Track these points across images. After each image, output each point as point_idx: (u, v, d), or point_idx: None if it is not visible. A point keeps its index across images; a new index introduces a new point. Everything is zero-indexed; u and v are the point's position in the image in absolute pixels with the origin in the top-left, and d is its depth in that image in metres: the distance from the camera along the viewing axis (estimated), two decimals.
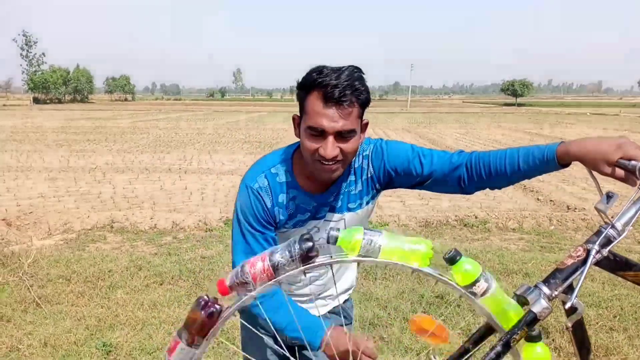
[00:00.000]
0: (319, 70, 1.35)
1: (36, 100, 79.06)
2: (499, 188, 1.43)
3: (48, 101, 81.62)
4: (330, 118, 1.32)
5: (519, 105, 76.94)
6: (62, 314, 3.80)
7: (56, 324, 3.64)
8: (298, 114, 1.45)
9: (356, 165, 1.53)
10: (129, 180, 10.21)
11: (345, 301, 1.79)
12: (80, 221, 6.78)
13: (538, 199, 8.62)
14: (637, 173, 1.11)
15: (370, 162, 1.52)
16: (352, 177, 1.53)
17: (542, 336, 1.10)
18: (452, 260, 1.08)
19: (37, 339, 3.40)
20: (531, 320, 1.07)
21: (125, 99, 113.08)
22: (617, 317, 3.69)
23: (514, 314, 1.10)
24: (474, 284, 1.08)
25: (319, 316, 1.66)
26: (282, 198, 1.50)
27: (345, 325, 1.74)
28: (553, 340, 3.36)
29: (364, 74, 1.37)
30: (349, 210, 1.55)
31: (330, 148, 1.32)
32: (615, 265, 1.15)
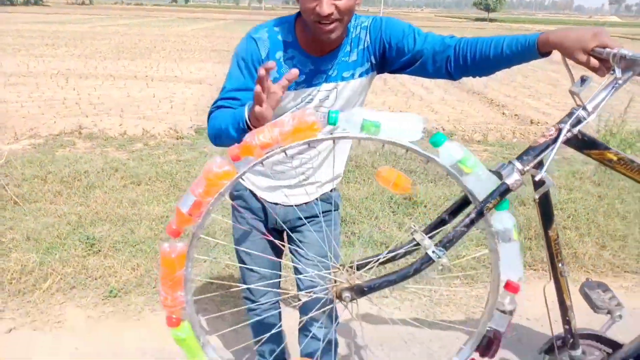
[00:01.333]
0: None
1: None
2: (482, 74, 1.50)
3: None
4: None
5: (491, 20, 76.02)
6: (42, 211, 3.84)
7: (37, 220, 3.69)
8: None
9: (353, 36, 1.58)
10: (94, 86, 9.90)
11: (332, 190, 1.87)
12: (46, 127, 6.65)
13: (504, 113, 8.82)
14: (611, 59, 1.18)
15: (367, 33, 1.57)
16: (348, 47, 1.58)
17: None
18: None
19: (20, 233, 3.46)
20: (504, 191, 1.20)
21: (83, 2, 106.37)
22: (571, 218, 3.99)
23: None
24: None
25: (309, 202, 1.78)
26: (279, 55, 1.55)
27: (335, 211, 1.87)
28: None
29: None
30: (343, 79, 1.60)
31: (325, 4, 1.37)
32: (583, 144, 1.29)
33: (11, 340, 2.55)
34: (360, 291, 1.22)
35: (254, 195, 1.80)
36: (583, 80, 1.22)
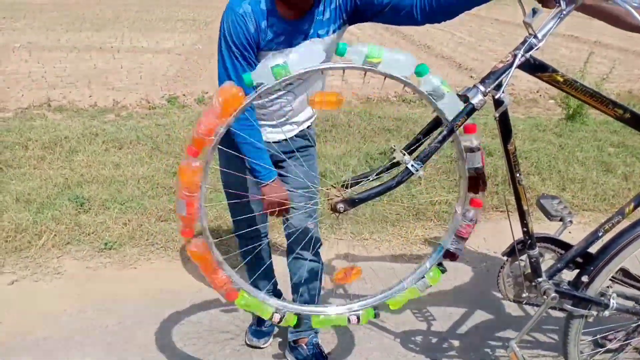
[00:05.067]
0: None
1: None
2: (445, 18, 1.66)
3: None
4: None
5: None
6: (27, 176, 3.90)
7: (23, 184, 3.75)
8: None
9: None
10: (59, 59, 9.68)
11: (308, 127, 2.05)
12: (14, 100, 6.56)
13: (471, 76, 9.06)
14: None
15: None
16: (321, 7, 1.73)
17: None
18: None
19: (8, 196, 3.51)
20: (470, 110, 1.41)
21: None
22: (534, 165, 4.30)
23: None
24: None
25: (287, 139, 1.93)
26: (263, 24, 1.69)
27: (310, 147, 2.08)
28: None
29: None
30: (319, 36, 1.75)
31: None
32: (535, 67, 1.49)
33: (16, 291, 2.68)
34: (352, 202, 1.39)
35: None
36: (534, 11, 1.41)
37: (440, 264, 1.67)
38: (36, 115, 5.85)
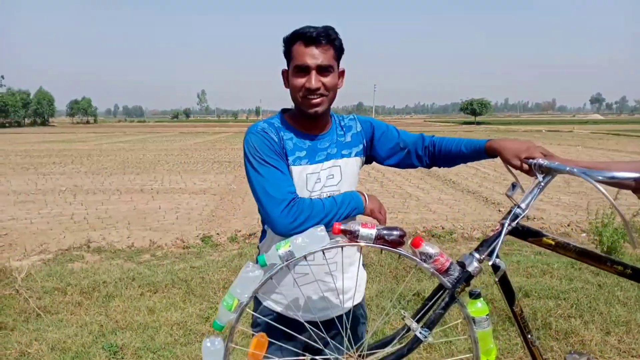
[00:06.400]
0: (300, 28, 1.70)
1: None
2: (445, 166, 1.88)
3: (7, 125, 79.13)
4: (312, 56, 1.67)
5: (478, 123, 78.92)
6: (64, 322, 3.96)
7: (60, 330, 3.79)
8: (287, 68, 1.78)
9: (342, 123, 1.90)
10: (101, 201, 10.24)
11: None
12: (56, 242, 6.85)
13: (499, 210, 9.09)
14: (533, 168, 1.55)
15: (357, 122, 1.91)
16: (341, 131, 1.88)
17: (482, 294, 1.52)
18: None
19: (45, 344, 3.55)
20: (467, 277, 1.49)
21: (87, 122, 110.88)
22: (574, 306, 4.11)
23: None
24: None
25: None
26: (282, 135, 1.78)
27: (362, 323, 2.03)
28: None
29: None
30: (343, 156, 1.85)
31: (314, 79, 1.68)
32: (524, 234, 1.59)
33: None
34: None
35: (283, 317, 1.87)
36: (513, 185, 1.57)
37: None
38: (75, 257, 6.05)
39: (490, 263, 1.54)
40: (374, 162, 2.03)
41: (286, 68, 1.78)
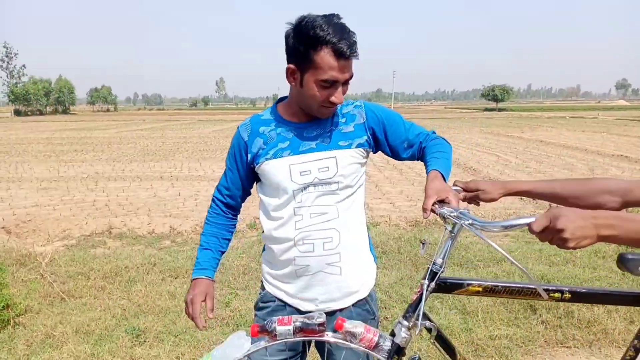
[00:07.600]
0: (319, 26, 1.51)
1: (17, 112, 78.06)
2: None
3: (29, 113, 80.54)
4: (342, 70, 1.56)
5: (500, 110, 77.80)
6: (88, 306, 4.03)
7: (83, 314, 3.86)
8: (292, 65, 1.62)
9: (344, 111, 1.76)
10: (122, 188, 10.35)
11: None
12: (78, 228, 6.94)
13: (522, 198, 8.97)
14: (440, 217, 1.43)
15: (362, 111, 1.77)
16: (342, 119, 1.75)
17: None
18: None
19: (69, 326, 3.62)
20: (397, 349, 1.44)
21: (107, 110, 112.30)
22: None
23: None
24: None
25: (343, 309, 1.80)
26: (262, 129, 1.74)
27: (370, 319, 1.82)
28: (540, 315, 3.72)
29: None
30: (340, 147, 1.70)
31: (341, 95, 1.61)
32: (449, 288, 1.50)
33: None
34: None
35: (284, 304, 1.81)
36: (423, 243, 1.50)
37: None
38: (98, 243, 6.14)
39: (418, 330, 1.47)
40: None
41: (292, 66, 1.61)
